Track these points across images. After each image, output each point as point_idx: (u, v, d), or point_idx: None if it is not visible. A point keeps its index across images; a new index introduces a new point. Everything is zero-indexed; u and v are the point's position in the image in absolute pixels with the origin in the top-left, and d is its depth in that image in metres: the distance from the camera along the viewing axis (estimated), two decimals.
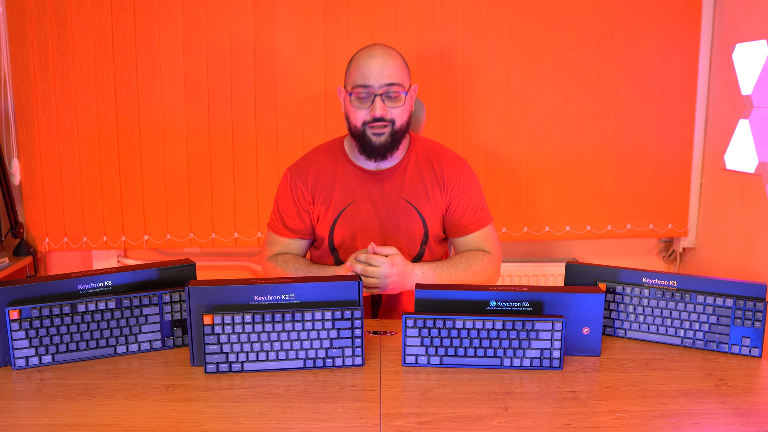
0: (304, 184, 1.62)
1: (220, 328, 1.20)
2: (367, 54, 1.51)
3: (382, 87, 1.49)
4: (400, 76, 1.51)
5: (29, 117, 2.34)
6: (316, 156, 1.65)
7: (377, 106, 1.48)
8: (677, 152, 2.48)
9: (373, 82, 1.48)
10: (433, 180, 1.60)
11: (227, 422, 1.04)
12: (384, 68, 1.49)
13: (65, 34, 2.30)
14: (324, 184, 1.60)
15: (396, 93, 1.50)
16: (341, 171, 1.61)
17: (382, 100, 1.49)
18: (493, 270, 1.61)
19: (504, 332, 1.22)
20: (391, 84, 1.49)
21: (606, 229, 2.51)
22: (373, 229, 1.59)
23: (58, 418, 1.05)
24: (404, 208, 1.59)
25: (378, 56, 1.50)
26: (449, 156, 1.64)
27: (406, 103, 1.53)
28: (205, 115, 2.38)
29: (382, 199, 1.59)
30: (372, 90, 1.49)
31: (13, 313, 1.21)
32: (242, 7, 2.33)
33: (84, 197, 2.40)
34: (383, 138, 1.51)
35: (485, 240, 1.62)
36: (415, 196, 1.59)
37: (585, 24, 2.39)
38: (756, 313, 1.28)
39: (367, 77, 1.48)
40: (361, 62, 1.51)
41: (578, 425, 1.03)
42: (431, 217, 1.60)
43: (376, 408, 1.08)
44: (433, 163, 1.61)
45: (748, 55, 2.21)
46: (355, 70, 1.51)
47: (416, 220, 1.59)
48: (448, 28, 2.37)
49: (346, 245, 1.61)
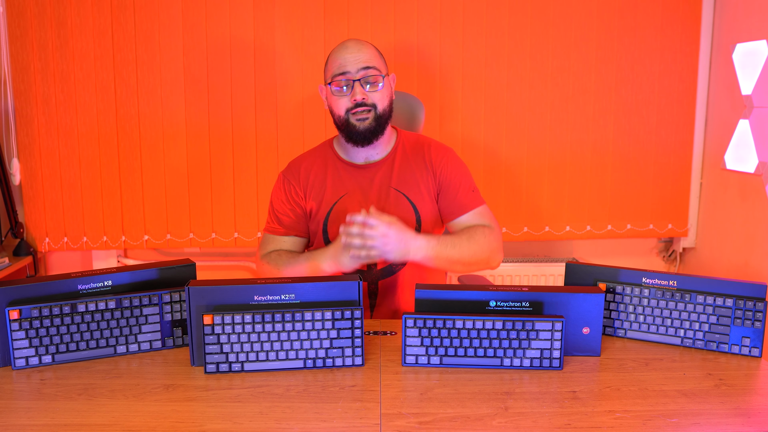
0: (296, 180, 1.67)
1: (220, 328, 1.20)
2: (341, 47, 1.59)
3: (359, 71, 1.55)
4: (376, 61, 1.58)
5: (29, 117, 2.34)
6: (307, 156, 1.72)
7: (357, 91, 1.54)
8: (677, 152, 2.48)
9: (350, 68, 1.55)
10: (421, 167, 1.64)
11: (227, 422, 1.04)
12: (359, 54, 1.56)
13: (65, 34, 2.30)
14: (315, 180, 1.65)
15: (374, 77, 1.56)
16: (332, 167, 1.66)
17: (361, 86, 1.55)
18: (496, 244, 1.60)
19: (504, 332, 1.22)
20: (368, 68, 1.55)
21: (606, 229, 2.51)
22: None
23: (58, 418, 1.05)
24: (395, 197, 1.62)
25: (351, 46, 1.58)
26: (434, 143, 1.69)
27: (385, 87, 1.58)
28: (205, 115, 2.38)
29: (372, 191, 1.62)
30: (350, 76, 1.55)
31: (13, 313, 1.21)
32: (242, 7, 2.33)
33: (84, 197, 2.40)
34: (367, 122, 1.56)
35: (482, 216, 1.64)
36: (404, 184, 1.62)
37: (585, 24, 2.39)
38: (756, 313, 1.28)
39: (344, 65, 1.55)
40: (336, 54, 1.58)
41: (578, 425, 1.03)
42: (422, 204, 1.62)
43: (376, 408, 1.08)
44: (421, 152, 1.66)
45: (748, 55, 2.21)
46: (332, 63, 1.58)
47: (407, 208, 1.62)
48: (447, 28, 2.37)
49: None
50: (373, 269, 1.62)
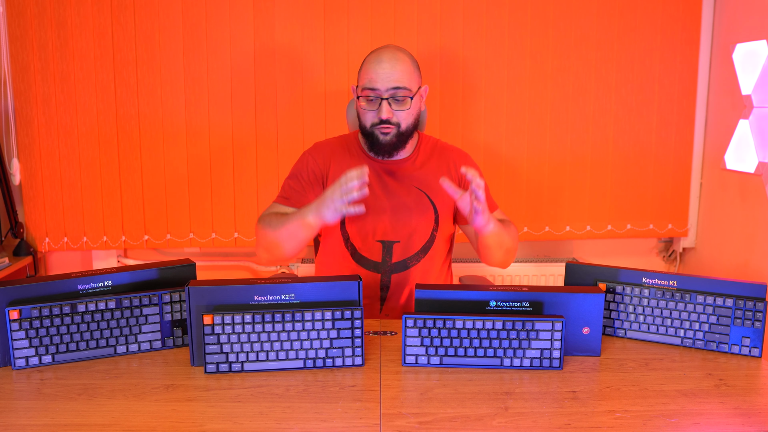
0: (322, 159, 1.66)
1: (220, 328, 1.20)
2: (376, 58, 1.56)
3: (388, 91, 1.53)
4: (408, 80, 1.55)
5: (29, 117, 2.34)
6: (333, 142, 1.73)
7: (383, 110, 1.54)
8: (677, 152, 2.48)
9: (380, 86, 1.53)
10: (443, 169, 1.67)
11: (227, 422, 1.04)
12: (392, 73, 1.53)
13: (65, 34, 2.30)
14: (338, 167, 1.63)
15: (402, 97, 1.54)
16: (355, 157, 1.67)
17: (388, 104, 1.54)
18: (517, 239, 1.65)
19: (504, 332, 1.22)
20: (398, 88, 1.53)
21: (606, 229, 2.51)
22: (384, 211, 1.62)
23: (58, 418, 1.05)
24: (416, 194, 1.64)
25: (386, 61, 1.54)
26: (455, 148, 1.74)
27: (412, 106, 1.57)
28: (205, 115, 2.38)
29: (394, 185, 1.64)
30: (379, 93, 1.54)
31: (13, 313, 1.21)
32: (242, 7, 2.33)
33: (84, 197, 2.40)
34: (389, 138, 1.57)
35: (503, 215, 1.70)
36: (426, 184, 1.64)
37: (585, 24, 2.39)
38: (756, 313, 1.28)
39: (375, 81, 1.53)
40: (370, 66, 1.55)
41: (578, 425, 1.03)
42: (442, 206, 1.64)
43: (376, 408, 1.08)
44: (443, 155, 1.69)
45: (748, 55, 2.21)
46: (365, 74, 1.56)
47: (428, 207, 1.63)
48: (448, 28, 2.37)
49: (356, 228, 1.62)
50: (388, 262, 1.62)
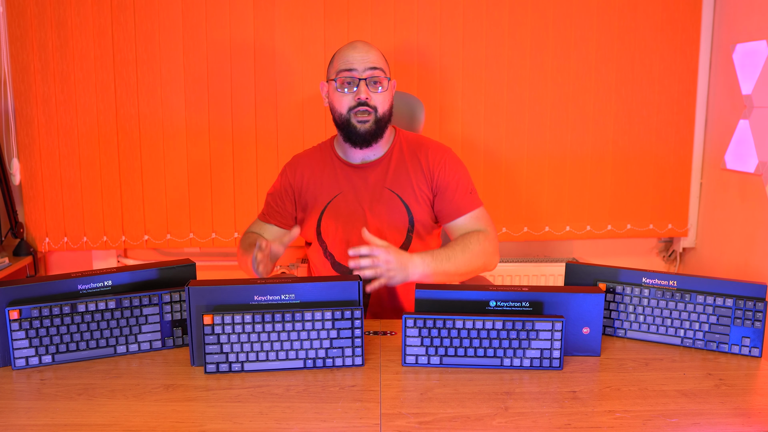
0: (293, 176, 1.71)
1: (220, 328, 1.20)
2: (349, 46, 1.62)
3: (366, 71, 1.57)
4: (382, 64, 1.61)
5: (29, 117, 2.34)
6: (308, 154, 1.76)
7: (362, 90, 1.57)
8: (677, 152, 2.48)
9: (357, 66, 1.57)
10: (417, 169, 1.65)
11: (227, 422, 1.04)
12: (367, 55, 1.58)
13: (65, 34, 2.30)
14: (311, 179, 1.69)
15: (379, 78, 1.58)
16: (329, 166, 1.69)
17: (366, 85, 1.57)
18: (492, 248, 1.60)
19: (504, 332, 1.22)
20: (375, 68, 1.57)
21: (606, 229, 2.51)
22: (359, 219, 1.64)
23: (58, 418, 1.05)
24: (388, 197, 1.63)
25: (360, 46, 1.60)
26: (433, 145, 1.69)
27: (387, 91, 1.61)
28: (205, 115, 2.38)
29: (366, 190, 1.64)
30: (356, 74, 1.57)
31: (13, 313, 1.21)
32: (242, 7, 2.33)
33: (84, 197, 2.40)
34: (367, 125, 1.59)
35: (479, 220, 1.64)
36: (398, 185, 1.64)
37: (585, 24, 2.39)
38: (756, 313, 1.28)
39: (352, 63, 1.57)
40: (344, 52, 1.61)
41: (578, 425, 1.03)
42: (416, 206, 1.63)
43: (376, 408, 1.08)
44: (418, 153, 1.67)
45: (748, 55, 2.21)
46: (339, 59, 1.60)
47: (400, 209, 1.63)
48: (448, 28, 2.37)
49: (332, 236, 1.66)
50: None
